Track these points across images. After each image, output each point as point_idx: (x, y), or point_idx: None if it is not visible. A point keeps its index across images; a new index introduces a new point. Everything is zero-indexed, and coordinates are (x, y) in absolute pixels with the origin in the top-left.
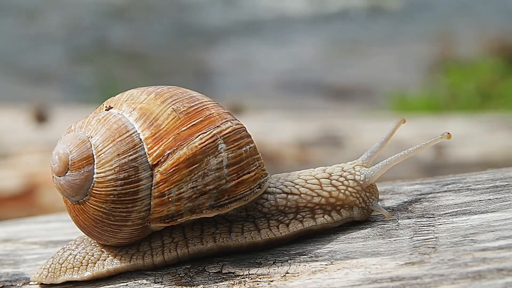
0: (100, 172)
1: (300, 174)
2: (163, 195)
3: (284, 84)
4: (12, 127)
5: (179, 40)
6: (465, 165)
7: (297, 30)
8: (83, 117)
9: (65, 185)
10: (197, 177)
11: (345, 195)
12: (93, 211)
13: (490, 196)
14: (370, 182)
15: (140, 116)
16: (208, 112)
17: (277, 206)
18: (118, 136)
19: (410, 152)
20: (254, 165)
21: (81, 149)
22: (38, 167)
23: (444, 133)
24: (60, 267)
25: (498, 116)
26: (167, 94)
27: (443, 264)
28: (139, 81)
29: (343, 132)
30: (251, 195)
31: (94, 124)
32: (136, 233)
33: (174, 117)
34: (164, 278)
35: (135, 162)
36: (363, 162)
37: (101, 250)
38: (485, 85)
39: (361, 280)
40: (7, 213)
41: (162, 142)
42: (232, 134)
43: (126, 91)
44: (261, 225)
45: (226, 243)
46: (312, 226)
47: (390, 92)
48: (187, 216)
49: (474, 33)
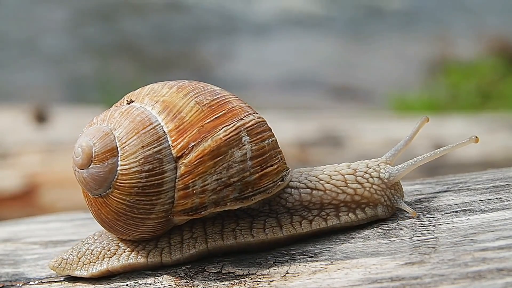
0: (125, 164)
1: (324, 169)
2: (187, 187)
3: (284, 83)
4: (12, 127)
5: (179, 36)
6: (465, 165)
7: (298, 30)
8: (104, 111)
9: (88, 178)
10: (222, 169)
11: (370, 192)
12: (117, 204)
13: (490, 196)
14: (394, 180)
15: (163, 109)
16: (230, 105)
17: (301, 201)
18: (142, 128)
19: (436, 154)
20: (276, 158)
21: (105, 141)
22: (38, 167)
23: (472, 136)
24: (78, 260)
25: (498, 116)
26: (189, 87)
27: (443, 264)
28: (136, 78)
29: (343, 132)
30: (274, 187)
31: (117, 116)
32: (159, 226)
33: (197, 109)
34: (164, 278)
35: (159, 154)
36: (387, 159)
37: (118, 245)
38: (485, 85)
39: (361, 280)
40: (7, 213)
41: (186, 134)
42: (255, 127)
43: (145, 86)
44: (284, 220)
45: (246, 240)
46: (336, 224)
47: (390, 92)
48: (211, 208)
49: (474, 33)
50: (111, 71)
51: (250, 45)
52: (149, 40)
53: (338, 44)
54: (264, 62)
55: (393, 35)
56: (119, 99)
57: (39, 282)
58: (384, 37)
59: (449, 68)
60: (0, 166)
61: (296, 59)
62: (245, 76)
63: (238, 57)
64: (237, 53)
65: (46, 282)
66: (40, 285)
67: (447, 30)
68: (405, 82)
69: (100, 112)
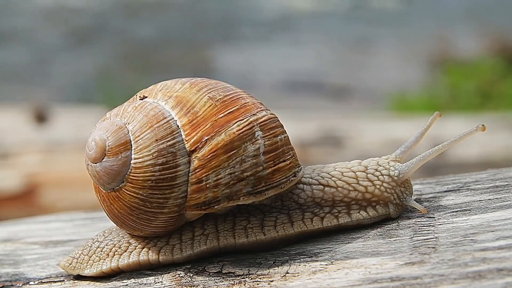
0: (138, 158)
1: (336, 166)
2: (200, 181)
3: (284, 84)
4: (12, 127)
5: (180, 37)
6: (465, 165)
7: (298, 31)
8: (119, 106)
9: (101, 172)
10: (235, 163)
11: (380, 190)
12: (130, 198)
13: (490, 196)
14: (404, 178)
15: (176, 103)
16: (243, 101)
17: (314, 197)
18: (155, 122)
19: (444, 147)
20: (288, 154)
21: (119, 135)
22: (38, 167)
23: (479, 125)
24: (89, 259)
25: (498, 116)
26: (202, 83)
27: (443, 264)
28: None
29: (343, 132)
30: (287, 183)
31: (131, 111)
32: (171, 221)
33: (210, 104)
34: (164, 278)
35: (173, 147)
36: (396, 156)
37: (128, 242)
38: (485, 85)
39: (361, 280)
40: (7, 213)
41: (199, 128)
42: (268, 122)
43: (158, 83)
44: (295, 217)
45: (258, 238)
46: (348, 222)
47: (390, 92)
48: (224, 202)
49: (474, 33)
50: (111, 72)
51: (250, 45)
52: (149, 41)
53: (338, 45)
54: (264, 62)
55: (393, 35)
56: (119, 99)
57: (39, 282)
58: (384, 37)
59: (449, 68)
60: (0, 166)
61: (296, 60)
62: (245, 76)
63: (238, 57)
64: (237, 53)
65: (46, 282)
66: (40, 285)
67: (447, 30)
68: (405, 82)
69: (99, 112)
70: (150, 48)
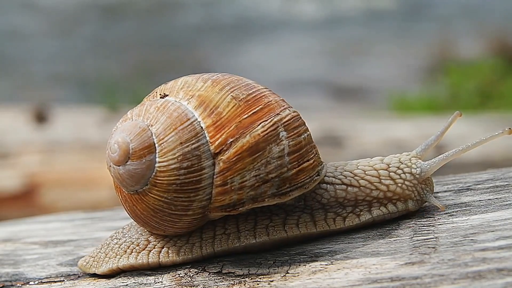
0: (163, 161)
1: (358, 163)
2: (225, 183)
3: (284, 83)
4: (12, 127)
5: (180, 38)
6: (465, 165)
7: (298, 31)
8: (140, 104)
9: (125, 175)
10: (260, 165)
11: (401, 189)
12: (154, 201)
13: (490, 196)
14: (426, 176)
15: (199, 104)
16: (266, 100)
17: (337, 198)
18: (179, 125)
19: (468, 147)
20: (312, 152)
21: (142, 137)
22: (38, 167)
23: (506, 128)
24: (105, 256)
25: (498, 116)
26: (224, 81)
27: (443, 264)
28: (138, 79)
29: (343, 132)
30: (311, 182)
31: (153, 112)
32: (195, 222)
33: (234, 104)
34: (164, 278)
35: (197, 150)
36: (417, 154)
37: (147, 239)
38: (485, 85)
39: (361, 280)
40: (7, 213)
41: (224, 130)
42: (291, 122)
43: (178, 78)
44: (318, 217)
45: (280, 236)
46: (368, 219)
47: (390, 92)
48: (248, 204)
49: (474, 33)
50: (112, 72)
51: (251, 46)
52: (149, 41)
53: (339, 45)
54: (264, 62)
55: (393, 35)
56: (119, 99)
57: (39, 282)
58: (384, 37)
59: (449, 68)
60: (0, 166)
61: (296, 60)
62: (246, 76)
63: (238, 57)
64: (237, 53)
65: (46, 282)
66: (40, 285)
67: (447, 30)
68: (405, 82)
69: (99, 112)
70: (150, 49)
